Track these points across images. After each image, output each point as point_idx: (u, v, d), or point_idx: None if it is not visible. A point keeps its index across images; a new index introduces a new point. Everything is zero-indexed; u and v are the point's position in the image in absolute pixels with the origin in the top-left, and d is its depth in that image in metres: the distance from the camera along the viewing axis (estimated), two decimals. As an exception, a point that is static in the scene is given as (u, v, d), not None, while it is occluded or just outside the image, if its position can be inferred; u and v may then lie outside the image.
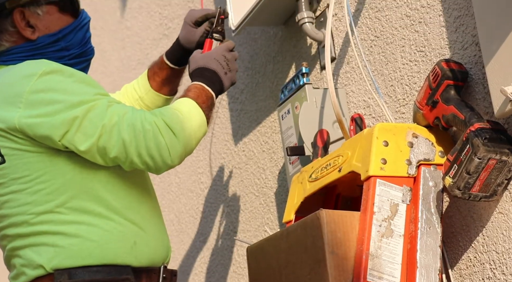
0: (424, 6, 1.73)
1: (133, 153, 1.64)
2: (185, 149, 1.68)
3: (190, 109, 1.71)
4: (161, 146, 1.65)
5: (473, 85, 1.59)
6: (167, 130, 1.66)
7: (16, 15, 1.75)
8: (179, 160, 1.68)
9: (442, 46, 1.67)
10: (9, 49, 1.77)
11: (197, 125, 1.71)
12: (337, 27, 1.99)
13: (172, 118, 1.67)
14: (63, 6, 1.78)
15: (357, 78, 1.93)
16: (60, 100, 1.64)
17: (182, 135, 1.67)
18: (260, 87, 2.30)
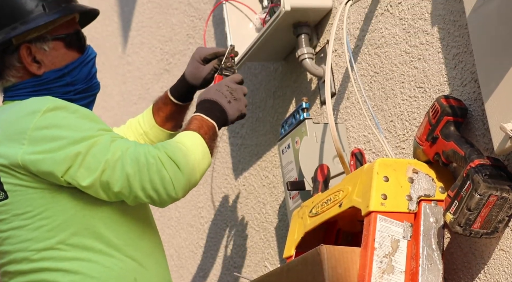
0: (423, 43, 1.74)
1: (137, 187, 1.64)
2: (189, 181, 1.68)
3: (193, 141, 1.72)
4: (165, 179, 1.65)
5: (473, 122, 1.60)
6: (171, 163, 1.66)
7: (23, 51, 1.76)
8: (184, 192, 1.68)
9: (441, 83, 1.69)
10: (15, 85, 1.78)
11: (201, 157, 1.71)
12: (337, 63, 2.01)
13: (175, 151, 1.67)
14: (69, 42, 1.80)
15: (357, 113, 1.94)
16: (63, 137, 1.65)
17: (186, 167, 1.67)
18: (261, 121, 2.31)
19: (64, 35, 1.79)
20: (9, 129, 1.68)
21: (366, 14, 1.91)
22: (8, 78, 1.78)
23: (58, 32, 1.79)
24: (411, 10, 1.78)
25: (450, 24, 1.68)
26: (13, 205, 1.67)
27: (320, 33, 2.06)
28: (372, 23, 1.89)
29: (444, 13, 1.69)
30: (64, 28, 1.80)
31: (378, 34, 1.88)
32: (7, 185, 1.68)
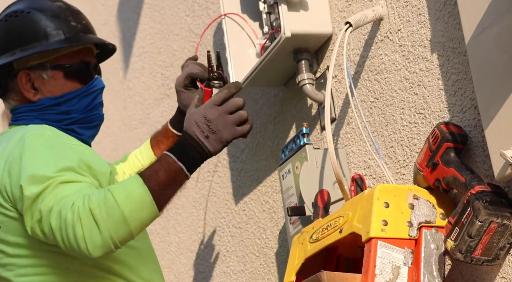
0: (422, 70, 1.75)
1: (59, 241, 1.57)
2: (112, 237, 1.55)
3: (129, 190, 1.58)
4: (78, 237, 1.54)
5: (473, 148, 1.60)
6: (89, 219, 1.55)
7: (21, 77, 1.78)
8: (102, 250, 1.55)
9: (441, 109, 1.69)
10: (15, 108, 1.80)
11: (136, 208, 1.56)
12: (337, 89, 2.02)
13: (99, 203, 1.55)
14: (70, 73, 1.79)
15: (357, 139, 1.95)
16: (27, 171, 1.61)
17: (106, 222, 1.54)
18: (261, 146, 2.32)
19: (68, 65, 1.78)
20: (3, 156, 1.69)
21: (366, 40, 1.92)
22: (9, 101, 1.81)
23: (60, 62, 1.78)
24: (411, 37, 1.79)
25: (449, 51, 1.69)
26: (5, 235, 1.67)
27: (320, 59, 2.07)
28: (372, 49, 1.90)
29: (443, 40, 1.71)
30: (67, 58, 1.79)
31: (378, 60, 1.89)
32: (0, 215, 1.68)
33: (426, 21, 1.75)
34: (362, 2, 1.93)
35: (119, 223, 1.56)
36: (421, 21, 1.76)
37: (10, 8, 1.82)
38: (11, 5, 1.83)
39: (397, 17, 1.83)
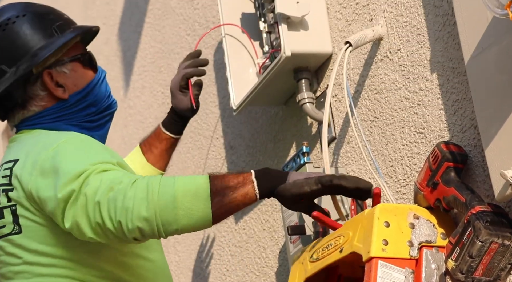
0: (422, 89, 1.76)
1: (105, 216, 1.52)
2: (155, 214, 1.50)
3: (192, 179, 1.54)
4: (126, 205, 1.50)
5: (473, 168, 1.60)
6: (141, 190, 1.51)
7: (46, 77, 1.74)
8: (143, 224, 1.49)
9: (441, 129, 1.70)
10: (37, 113, 1.75)
11: (189, 195, 1.51)
12: (337, 108, 2.02)
13: (155, 180, 1.52)
14: (85, 61, 1.79)
15: (357, 158, 1.95)
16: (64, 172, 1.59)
17: (154, 197, 1.50)
18: (261, 165, 2.32)
19: (80, 55, 1.78)
20: (29, 159, 1.65)
21: (366, 60, 1.93)
22: (31, 108, 1.75)
23: (73, 53, 1.78)
24: (410, 56, 1.80)
25: (449, 71, 1.69)
26: (26, 241, 1.65)
27: (320, 78, 2.08)
28: (372, 68, 1.91)
29: (443, 60, 1.71)
30: (75, 50, 1.78)
31: (378, 80, 1.89)
32: (23, 219, 1.65)
33: (425, 41, 1.76)
34: (362, 22, 1.94)
35: (168, 202, 1.50)
36: (421, 41, 1.77)
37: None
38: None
39: (397, 37, 1.84)
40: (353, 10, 1.97)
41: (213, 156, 2.50)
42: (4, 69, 1.72)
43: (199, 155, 2.56)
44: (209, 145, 2.52)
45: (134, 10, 2.92)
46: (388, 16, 1.86)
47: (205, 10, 2.51)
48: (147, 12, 2.85)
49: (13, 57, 1.72)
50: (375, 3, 1.90)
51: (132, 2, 2.94)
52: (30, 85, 1.74)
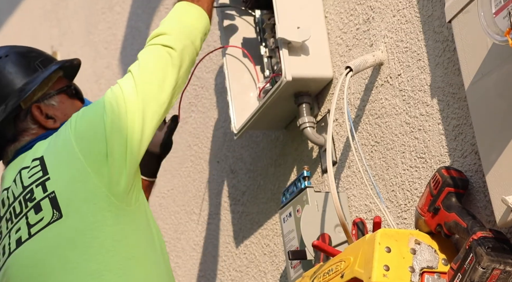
0: (423, 114, 1.77)
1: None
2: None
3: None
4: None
5: (474, 193, 1.60)
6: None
7: (35, 111, 1.81)
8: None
9: (442, 154, 1.70)
10: (29, 142, 1.81)
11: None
12: (338, 132, 2.03)
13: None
14: (70, 93, 1.87)
15: (358, 182, 1.95)
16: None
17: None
18: (262, 189, 2.32)
19: (65, 87, 1.87)
20: (56, 148, 1.71)
21: (367, 84, 1.94)
22: (23, 139, 1.81)
23: (57, 87, 1.86)
24: (411, 82, 1.81)
25: (449, 96, 1.70)
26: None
27: (321, 103, 2.09)
28: (373, 93, 1.92)
29: (443, 85, 1.72)
30: (60, 83, 1.87)
31: (378, 105, 1.90)
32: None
33: (426, 66, 1.77)
34: (362, 47, 1.95)
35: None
36: (421, 67, 1.78)
37: None
38: None
39: (397, 62, 1.85)
40: (354, 36, 1.98)
41: (213, 180, 2.50)
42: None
43: (199, 179, 2.56)
44: (210, 169, 2.52)
45: (135, 35, 2.93)
46: (388, 42, 1.88)
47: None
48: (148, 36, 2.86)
49: (1, 96, 1.79)
50: (375, 29, 1.92)
51: (134, 26, 2.95)
52: (20, 121, 1.81)
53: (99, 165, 1.67)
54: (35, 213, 1.69)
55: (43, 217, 1.69)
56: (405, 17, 1.83)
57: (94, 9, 3.20)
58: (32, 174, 1.73)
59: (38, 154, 1.76)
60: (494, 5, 1.39)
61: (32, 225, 1.70)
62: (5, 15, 3.94)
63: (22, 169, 1.76)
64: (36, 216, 1.70)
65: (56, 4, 3.51)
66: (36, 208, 1.70)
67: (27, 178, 1.74)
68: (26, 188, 1.73)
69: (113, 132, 1.68)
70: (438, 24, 1.73)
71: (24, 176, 1.74)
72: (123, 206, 1.68)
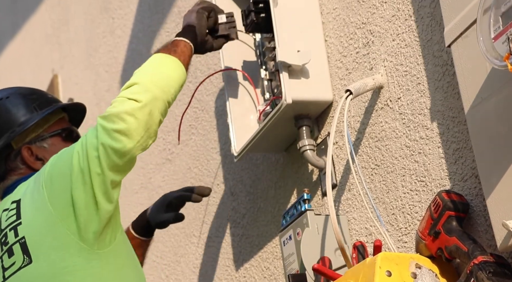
0: (423, 138, 1.77)
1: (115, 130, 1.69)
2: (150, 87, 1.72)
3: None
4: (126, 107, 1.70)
5: (475, 217, 1.60)
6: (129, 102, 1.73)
7: (25, 153, 1.85)
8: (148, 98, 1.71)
9: (442, 177, 1.70)
10: (17, 181, 1.85)
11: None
12: (338, 155, 2.03)
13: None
14: (66, 136, 1.89)
15: (358, 206, 1.95)
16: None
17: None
18: (262, 212, 2.31)
19: (60, 130, 1.89)
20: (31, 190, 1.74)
21: (366, 108, 1.95)
22: (11, 177, 1.85)
23: (54, 129, 1.88)
24: (411, 105, 1.81)
25: (449, 120, 1.71)
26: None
27: (321, 125, 2.09)
28: (372, 116, 1.92)
29: (443, 109, 1.73)
30: (57, 125, 1.89)
31: (378, 128, 1.90)
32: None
33: (425, 90, 1.78)
34: (362, 71, 1.96)
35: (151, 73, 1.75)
36: (421, 90, 1.79)
37: None
38: None
39: (397, 86, 1.86)
40: (353, 59, 1.99)
41: (213, 203, 2.50)
42: None
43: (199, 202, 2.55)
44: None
45: (136, 58, 2.94)
46: (388, 65, 1.88)
47: (206, 58, 2.54)
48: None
49: None
50: (375, 53, 1.92)
51: (134, 49, 2.96)
52: (10, 160, 1.85)
53: (66, 214, 1.68)
54: (8, 257, 1.73)
55: (15, 262, 1.72)
56: (405, 41, 1.84)
57: (95, 32, 3.22)
58: (8, 217, 1.77)
59: (17, 196, 1.79)
60: (493, 30, 1.40)
61: (6, 268, 1.74)
62: (7, 38, 3.96)
63: (3, 211, 1.80)
64: (9, 260, 1.73)
65: (58, 28, 3.52)
66: (9, 252, 1.73)
67: (4, 221, 1.78)
68: (2, 231, 1.77)
69: (78, 183, 1.68)
70: (438, 49, 1.74)
71: (3, 218, 1.78)
72: (94, 250, 1.68)
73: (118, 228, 1.75)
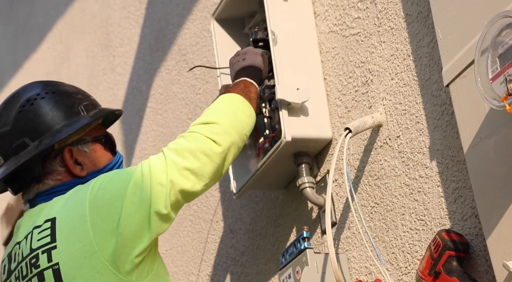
0: (422, 176, 1.77)
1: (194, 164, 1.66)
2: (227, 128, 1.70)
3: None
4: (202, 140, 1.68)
5: (475, 257, 1.59)
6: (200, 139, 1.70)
7: (66, 154, 1.74)
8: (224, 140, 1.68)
9: (442, 216, 1.70)
10: (52, 187, 1.74)
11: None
12: (337, 193, 2.03)
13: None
14: (106, 143, 1.80)
15: (358, 244, 1.94)
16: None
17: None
18: (261, 250, 2.30)
19: (102, 136, 1.80)
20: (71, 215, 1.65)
21: (366, 146, 1.95)
22: (47, 182, 1.74)
23: (96, 134, 1.79)
24: (410, 144, 1.82)
25: (448, 159, 1.71)
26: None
27: (321, 163, 2.09)
28: (372, 155, 1.92)
29: (442, 148, 1.73)
30: (98, 131, 1.80)
31: (377, 166, 1.90)
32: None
33: (424, 129, 1.78)
34: (361, 109, 1.97)
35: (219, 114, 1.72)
36: (420, 129, 1.79)
37: (26, 94, 1.78)
38: (22, 92, 1.79)
39: (396, 124, 1.86)
40: (353, 97, 2.00)
41: (212, 240, 2.49)
42: (27, 142, 1.73)
43: (198, 239, 2.55)
44: (209, 229, 2.51)
45: (136, 95, 2.95)
46: (387, 104, 1.89)
47: (206, 95, 2.55)
48: (149, 97, 2.89)
49: (37, 131, 1.73)
50: (374, 91, 1.93)
51: (135, 87, 2.98)
52: (49, 160, 1.74)
53: (108, 244, 1.61)
54: (38, 281, 1.65)
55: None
56: (403, 80, 1.85)
57: (96, 70, 3.24)
58: (41, 238, 1.68)
59: (52, 213, 1.68)
60: (491, 71, 1.41)
61: None
62: (8, 76, 3.98)
63: (35, 228, 1.70)
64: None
65: (59, 65, 3.54)
66: (39, 276, 1.65)
67: (36, 240, 1.67)
68: (33, 251, 1.68)
69: (131, 215, 1.62)
70: (436, 88, 1.75)
71: (34, 237, 1.69)
72: (132, 281, 1.62)
73: (156, 258, 1.69)
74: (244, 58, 1.91)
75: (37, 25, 3.83)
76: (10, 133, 1.74)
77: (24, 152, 1.72)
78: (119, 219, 1.62)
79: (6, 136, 1.74)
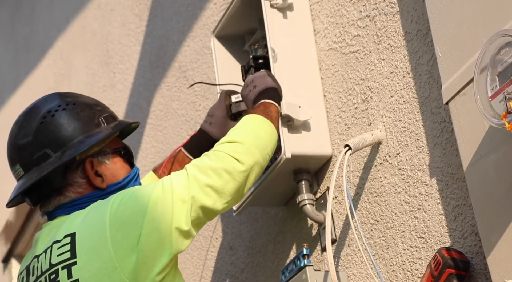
0: (422, 194, 1.77)
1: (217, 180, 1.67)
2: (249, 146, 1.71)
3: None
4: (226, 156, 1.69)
5: (476, 275, 1.59)
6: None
7: (87, 165, 1.73)
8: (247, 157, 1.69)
9: (442, 234, 1.70)
10: (73, 200, 1.73)
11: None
12: (337, 210, 2.03)
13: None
14: (125, 155, 1.79)
15: (358, 262, 1.94)
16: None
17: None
18: (261, 267, 2.30)
19: (121, 148, 1.80)
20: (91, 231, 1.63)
21: (366, 163, 1.95)
22: (68, 194, 1.73)
23: (115, 146, 1.78)
24: (409, 161, 1.82)
25: (448, 176, 1.71)
26: None
27: (321, 180, 2.09)
28: (372, 172, 1.92)
29: (442, 165, 1.73)
30: (117, 143, 1.80)
31: (377, 183, 1.90)
32: None
33: (424, 146, 1.78)
34: (361, 126, 1.97)
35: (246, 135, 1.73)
36: (419, 146, 1.79)
37: (46, 105, 1.77)
38: (42, 103, 1.79)
39: (396, 142, 1.86)
40: (352, 115, 2.00)
41: (212, 257, 2.48)
42: (49, 153, 1.72)
43: (198, 256, 2.54)
44: (208, 246, 2.50)
45: (136, 112, 2.96)
46: (386, 121, 1.89)
47: (206, 112, 2.55)
48: (149, 113, 2.89)
49: (59, 142, 1.73)
50: (373, 108, 1.94)
51: (135, 103, 2.98)
52: (70, 171, 1.73)
53: (128, 260, 1.60)
54: None
55: None
56: (403, 97, 1.85)
57: (96, 86, 3.24)
58: (61, 253, 1.66)
59: (72, 227, 1.66)
60: (490, 89, 1.41)
61: None
62: (8, 93, 3.99)
63: (54, 243, 1.67)
64: None
65: (59, 82, 3.55)
66: None
67: (55, 255, 1.65)
68: (53, 267, 1.66)
69: (152, 231, 1.61)
70: (436, 105, 1.76)
71: (54, 252, 1.67)
72: None
73: (176, 276, 1.68)
74: (254, 85, 1.91)
75: (38, 43, 3.85)
76: (32, 144, 1.73)
77: (47, 163, 1.72)
78: (140, 235, 1.61)
79: (28, 147, 1.74)
